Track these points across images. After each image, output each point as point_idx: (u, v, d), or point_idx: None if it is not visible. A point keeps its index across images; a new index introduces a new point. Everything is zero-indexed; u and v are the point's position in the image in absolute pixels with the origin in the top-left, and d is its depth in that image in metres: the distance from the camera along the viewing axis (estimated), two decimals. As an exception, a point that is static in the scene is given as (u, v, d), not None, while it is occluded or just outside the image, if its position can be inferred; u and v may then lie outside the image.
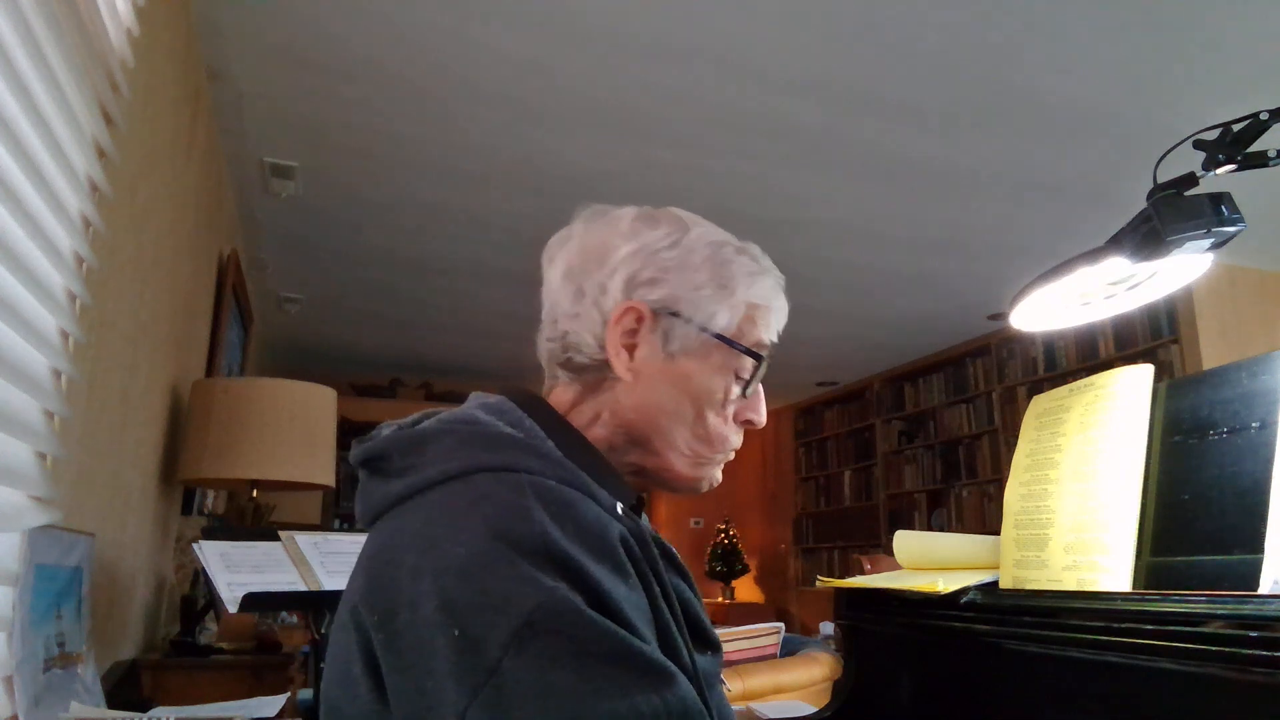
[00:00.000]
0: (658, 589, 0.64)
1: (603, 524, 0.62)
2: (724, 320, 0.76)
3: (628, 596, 0.59)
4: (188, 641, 2.09)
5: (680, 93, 2.63)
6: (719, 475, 0.81)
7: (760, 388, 0.80)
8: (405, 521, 0.63)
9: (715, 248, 0.78)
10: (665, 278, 0.75)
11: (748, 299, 0.77)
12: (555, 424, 0.73)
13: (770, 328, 0.80)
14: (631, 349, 0.75)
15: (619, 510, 0.67)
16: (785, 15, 2.24)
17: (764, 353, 0.78)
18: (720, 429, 0.77)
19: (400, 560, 0.59)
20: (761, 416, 0.80)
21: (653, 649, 0.58)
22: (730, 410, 0.78)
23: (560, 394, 0.78)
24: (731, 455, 0.80)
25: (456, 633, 0.53)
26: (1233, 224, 0.91)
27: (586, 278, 0.76)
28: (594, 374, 0.76)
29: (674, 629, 0.63)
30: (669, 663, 0.57)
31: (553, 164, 3.11)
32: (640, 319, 0.74)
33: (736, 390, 0.77)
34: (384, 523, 0.66)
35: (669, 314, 0.75)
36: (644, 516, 0.80)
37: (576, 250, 0.78)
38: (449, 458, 0.65)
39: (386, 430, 0.73)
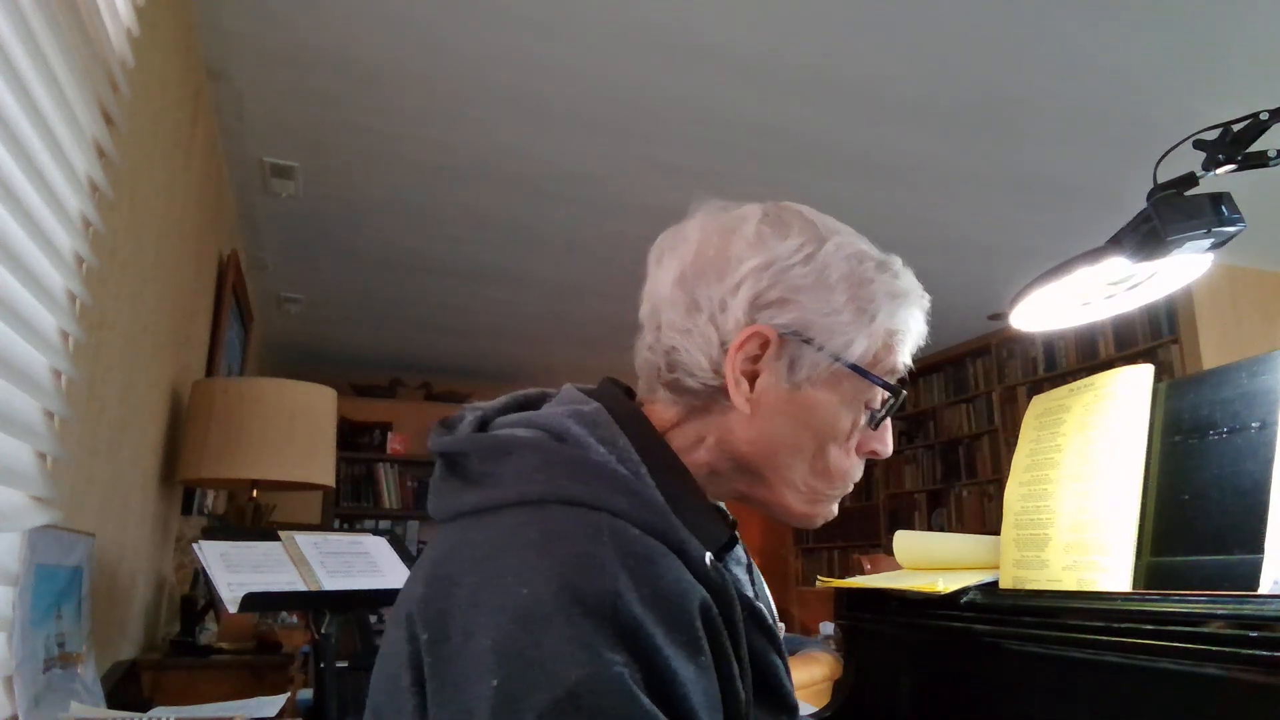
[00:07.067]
0: (735, 665, 0.58)
1: (683, 589, 0.56)
2: (860, 349, 0.68)
3: (695, 679, 0.54)
4: (188, 641, 2.09)
5: (680, 93, 2.63)
6: (835, 510, 0.73)
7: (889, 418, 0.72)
8: (473, 537, 0.59)
9: (853, 263, 0.70)
10: (796, 299, 0.67)
11: (889, 325, 0.70)
12: (652, 445, 0.66)
13: (907, 352, 0.72)
14: (753, 377, 0.67)
15: (708, 563, 0.60)
16: (786, 15, 2.24)
17: (899, 381, 0.71)
18: (841, 464, 0.70)
19: (460, 580, 0.56)
20: (888, 447, 0.73)
21: None
22: (854, 442, 0.71)
23: (660, 411, 0.71)
24: (850, 489, 0.73)
25: (496, 682, 0.50)
26: (1233, 224, 0.91)
27: (703, 289, 0.68)
28: (703, 398, 0.69)
29: (744, 710, 0.58)
30: None
31: (553, 163, 3.10)
32: (765, 345, 0.66)
33: (864, 420, 0.70)
34: (454, 527, 0.62)
35: (798, 340, 0.67)
36: (739, 545, 0.74)
37: (693, 255, 0.69)
38: (529, 478, 0.60)
39: (470, 417, 0.69)
